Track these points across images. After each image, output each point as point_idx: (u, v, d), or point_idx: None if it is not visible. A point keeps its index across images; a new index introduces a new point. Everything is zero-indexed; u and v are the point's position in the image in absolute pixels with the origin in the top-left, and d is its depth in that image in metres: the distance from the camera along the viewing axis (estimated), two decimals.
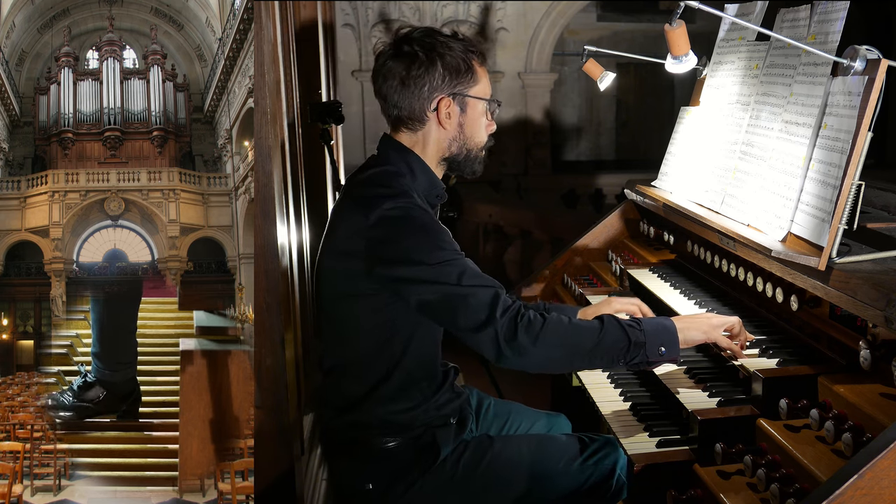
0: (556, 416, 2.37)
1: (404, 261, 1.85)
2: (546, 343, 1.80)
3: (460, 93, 1.98)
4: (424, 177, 2.01)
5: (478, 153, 2.06)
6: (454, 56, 1.96)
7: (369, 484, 1.99)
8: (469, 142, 2.03)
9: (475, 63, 1.99)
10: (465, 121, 2.01)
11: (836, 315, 1.88)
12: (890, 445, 1.37)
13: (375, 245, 1.86)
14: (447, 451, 2.02)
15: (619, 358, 1.85)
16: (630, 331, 1.85)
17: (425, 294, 1.84)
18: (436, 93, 1.96)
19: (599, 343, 1.83)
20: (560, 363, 1.89)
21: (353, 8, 7.82)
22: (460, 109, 1.99)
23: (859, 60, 1.87)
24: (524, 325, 1.79)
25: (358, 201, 1.95)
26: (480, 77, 2.01)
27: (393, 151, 2.02)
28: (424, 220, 1.89)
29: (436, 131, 2.00)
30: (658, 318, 1.97)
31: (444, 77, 1.96)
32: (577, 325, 1.85)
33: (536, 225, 5.92)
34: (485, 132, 2.05)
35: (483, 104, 2.01)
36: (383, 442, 1.99)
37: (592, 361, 1.89)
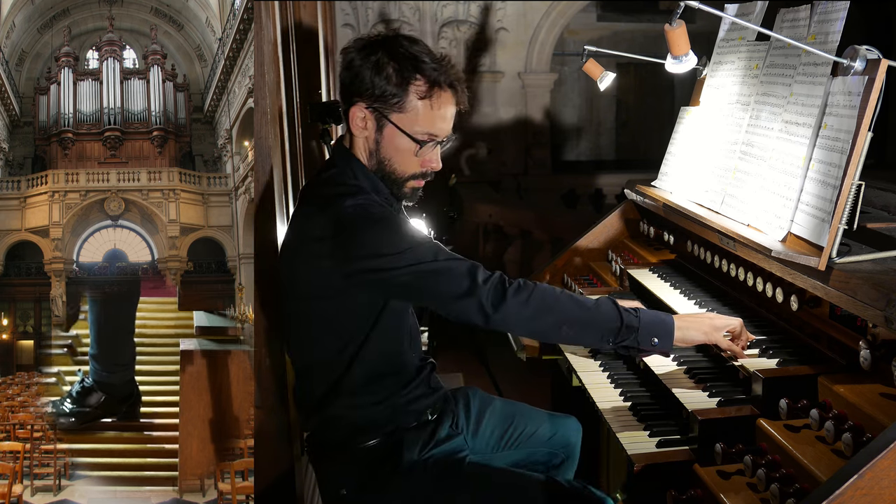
0: (565, 418, 2.33)
1: (374, 254, 1.81)
2: (536, 307, 1.80)
3: (379, 110, 1.88)
4: (367, 182, 1.94)
5: (401, 180, 1.94)
6: (391, 72, 1.85)
7: (343, 489, 1.98)
8: (386, 163, 1.93)
9: (412, 90, 1.86)
10: (382, 140, 1.91)
11: (836, 315, 1.88)
12: (890, 445, 1.37)
13: (341, 244, 1.82)
14: (414, 454, 1.98)
15: (610, 336, 1.85)
16: (625, 314, 1.85)
17: (402, 277, 1.80)
18: (356, 97, 1.89)
19: (592, 316, 1.83)
20: (549, 329, 1.87)
21: (353, 8, 7.82)
22: (377, 126, 1.90)
23: (859, 60, 1.87)
24: (514, 288, 1.79)
25: (317, 203, 1.93)
26: (415, 108, 1.87)
27: (339, 157, 1.98)
28: (385, 214, 1.85)
29: (355, 136, 1.94)
30: (658, 312, 1.97)
31: (370, 85, 1.86)
32: (570, 294, 1.85)
33: (536, 225, 5.92)
34: (412, 166, 1.93)
35: (406, 139, 1.89)
36: (356, 442, 1.97)
37: (582, 334, 1.89)
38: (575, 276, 3.02)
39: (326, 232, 1.84)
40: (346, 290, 1.86)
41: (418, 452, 1.99)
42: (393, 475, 1.96)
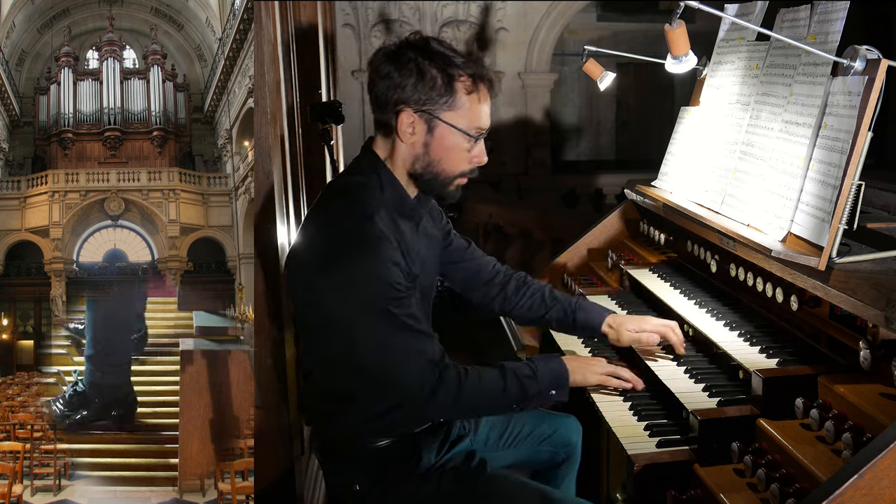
0: (565, 417, 2.33)
1: (347, 291, 1.81)
2: (459, 407, 1.89)
3: (428, 112, 1.85)
4: (393, 191, 1.93)
5: (447, 180, 1.93)
6: (434, 72, 1.83)
7: (356, 485, 1.97)
8: (435, 165, 1.91)
9: (459, 87, 1.86)
10: (433, 143, 1.88)
11: (836, 315, 1.88)
12: (890, 445, 1.37)
13: (324, 265, 1.83)
14: (431, 456, 1.99)
15: (515, 406, 1.96)
16: (527, 383, 1.92)
17: (356, 331, 1.83)
18: (401, 104, 1.86)
19: (501, 401, 1.93)
20: (467, 415, 2.09)
21: (353, 8, 7.83)
22: (427, 128, 1.87)
23: (859, 60, 1.87)
24: (444, 386, 1.84)
25: (322, 212, 1.93)
26: (464, 104, 1.87)
27: (366, 162, 1.96)
28: (376, 253, 1.81)
29: (399, 143, 1.90)
30: (553, 364, 1.99)
31: (414, 90, 1.84)
32: (485, 389, 1.90)
33: (536, 225, 5.92)
34: (462, 163, 1.92)
35: (460, 135, 1.88)
36: (369, 442, 1.96)
37: (494, 412, 2.12)
38: (575, 275, 3.02)
39: (322, 248, 1.85)
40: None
41: (436, 454, 2.01)
42: (410, 476, 1.97)
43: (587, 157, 10.43)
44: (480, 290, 2.32)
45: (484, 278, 2.31)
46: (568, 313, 2.27)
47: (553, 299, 2.29)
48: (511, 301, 2.31)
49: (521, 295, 2.30)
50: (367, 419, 1.95)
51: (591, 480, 2.83)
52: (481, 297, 2.33)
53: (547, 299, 2.29)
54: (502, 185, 8.16)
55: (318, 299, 1.86)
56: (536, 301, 2.29)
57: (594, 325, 2.25)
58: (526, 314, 2.32)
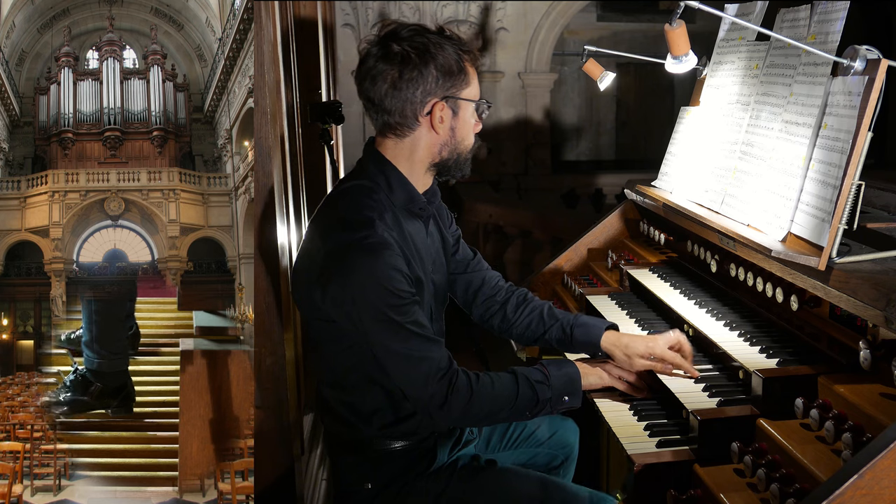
0: (564, 419, 2.33)
1: (349, 300, 1.80)
2: (472, 414, 1.86)
3: (453, 95, 1.88)
4: (402, 191, 1.93)
5: (467, 156, 1.97)
6: (447, 57, 1.85)
7: (368, 483, 1.98)
8: (459, 145, 1.94)
9: (467, 64, 1.90)
10: (457, 124, 1.91)
11: (836, 315, 1.88)
12: (890, 445, 1.37)
13: (325, 274, 1.81)
14: (444, 455, 2.00)
15: (527, 413, 1.93)
16: (539, 389, 1.90)
17: (362, 341, 1.83)
18: (429, 97, 1.86)
19: (513, 407, 1.90)
20: (480, 423, 2.07)
21: (353, 8, 7.82)
22: (453, 113, 1.90)
23: (859, 60, 1.87)
24: (454, 393, 1.82)
25: (323, 221, 1.92)
26: (472, 78, 1.91)
27: (372, 164, 1.95)
28: (378, 260, 1.79)
29: (426, 136, 1.91)
30: (565, 370, 1.96)
31: (437, 80, 1.85)
32: (497, 396, 1.88)
33: (536, 225, 5.92)
34: (472, 136, 1.97)
35: (472, 106, 1.93)
36: (387, 444, 1.97)
37: (507, 419, 2.04)
38: (575, 276, 3.01)
39: (323, 260, 1.83)
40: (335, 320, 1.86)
41: (448, 454, 2.01)
42: (422, 475, 1.97)
43: (587, 157, 10.43)
44: (481, 306, 2.27)
45: (486, 293, 2.27)
46: (566, 332, 2.18)
47: (552, 317, 2.20)
48: (509, 320, 2.24)
49: (519, 313, 2.24)
50: (383, 425, 1.94)
51: (591, 480, 2.83)
52: (482, 313, 2.28)
53: (546, 317, 2.21)
54: (502, 185, 8.16)
55: (322, 310, 1.85)
56: (535, 319, 2.22)
57: (593, 341, 2.15)
58: (524, 333, 2.24)
